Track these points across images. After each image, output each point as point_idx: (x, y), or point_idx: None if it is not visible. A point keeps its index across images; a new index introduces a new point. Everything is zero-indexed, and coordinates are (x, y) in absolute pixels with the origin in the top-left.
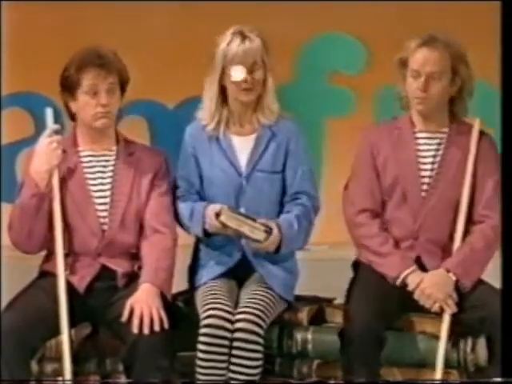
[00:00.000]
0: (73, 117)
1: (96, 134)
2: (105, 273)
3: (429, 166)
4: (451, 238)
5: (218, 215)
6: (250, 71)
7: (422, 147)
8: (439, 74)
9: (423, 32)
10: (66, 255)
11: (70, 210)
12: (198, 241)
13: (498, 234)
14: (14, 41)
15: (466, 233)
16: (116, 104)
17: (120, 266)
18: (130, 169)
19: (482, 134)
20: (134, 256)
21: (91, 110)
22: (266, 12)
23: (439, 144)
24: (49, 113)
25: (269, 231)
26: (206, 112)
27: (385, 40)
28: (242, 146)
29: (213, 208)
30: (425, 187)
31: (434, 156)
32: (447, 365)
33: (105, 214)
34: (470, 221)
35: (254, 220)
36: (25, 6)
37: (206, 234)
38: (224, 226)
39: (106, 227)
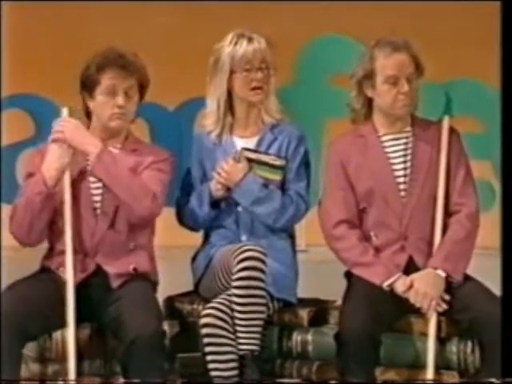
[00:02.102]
0: (89, 115)
1: (107, 134)
2: (100, 272)
3: (401, 166)
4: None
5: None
6: (261, 70)
7: (389, 149)
8: (413, 73)
9: (423, 32)
10: (64, 252)
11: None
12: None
13: (476, 222)
14: (14, 42)
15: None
16: (133, 106)
17: (114, 267)
18: (129, 160)
19: (449, 129)
20: (131, 253)
21: (108, 111)
22: (266, 13)
23: (406, 143)
24: (64, 112)
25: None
26: (211, 118)
27: None
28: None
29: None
30: (402, 187)
31: (404, 155)
32: (447, 366)
33: (99, 211)
34: (448, 213)
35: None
36: (25, 7)
37: (214, 205)
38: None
39: (99, 225)
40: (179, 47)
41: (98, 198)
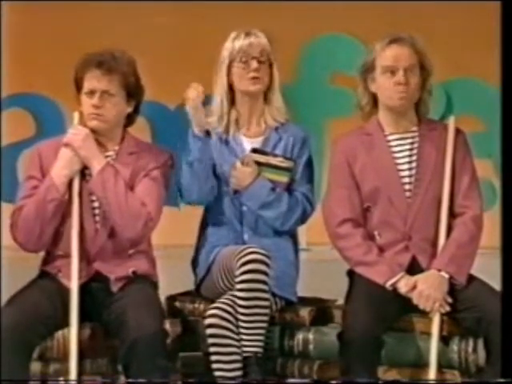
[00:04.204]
0: None
1: (101, 136)
2: (99, 277)
3: (406, 166)
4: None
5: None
6: (258, 61)
7: (395, 149)
8: (413, 67)
9: (424, 32)
10: (62, 256)
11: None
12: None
13: (481, 224)
14: (14, 41)
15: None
16: (114, 107)
17: (114, 272)
18: (127, 168)
19: (455, 130)
20: (131, 257)
21: (86, 111)
22: (267, 13)
23: (412, 143)
24: (75, 116)
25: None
26: (215, 115)
27: None
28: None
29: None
30: (407, 187)
31: (410, 155)
32: (449, 365)
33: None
34: (452, 215)
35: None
36: (25, 7)
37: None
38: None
39: (99, 232)
40: (180, 46)
41: (96, 205)
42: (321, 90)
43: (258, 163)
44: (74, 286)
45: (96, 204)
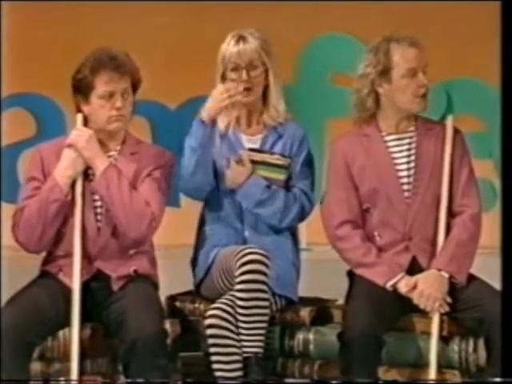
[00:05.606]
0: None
1: (105, 136)
2: (100, 276)
3: (405, 167)
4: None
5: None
6: (247, 71)
7: (393, 149)
8: (427, 68)
9: (424, 32)
10: (63, 256)
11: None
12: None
13: (479, 223)
14: (14, 41)
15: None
16: (129, 106)
17: (115, 271)
18: (130, 168)
19: (453, 129)
20: (132, 257)
21: (105, 113)
22: (267, 13)
23: (410, 143)
24: (79, 117)
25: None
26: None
27: None
28: (250, 146)
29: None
30: (406, 187)
31: (408, 156)
32: (449, 365)
33: (101, 217)
34: (451, 214)
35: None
36: (25, 7)
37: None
38: (252, 162)
39: (101, 232)
40: (180, 47)
41: (98, 204)
42: (321, 90)
43: (254, 161)
44: (76, 285)
45: (98, 203)
